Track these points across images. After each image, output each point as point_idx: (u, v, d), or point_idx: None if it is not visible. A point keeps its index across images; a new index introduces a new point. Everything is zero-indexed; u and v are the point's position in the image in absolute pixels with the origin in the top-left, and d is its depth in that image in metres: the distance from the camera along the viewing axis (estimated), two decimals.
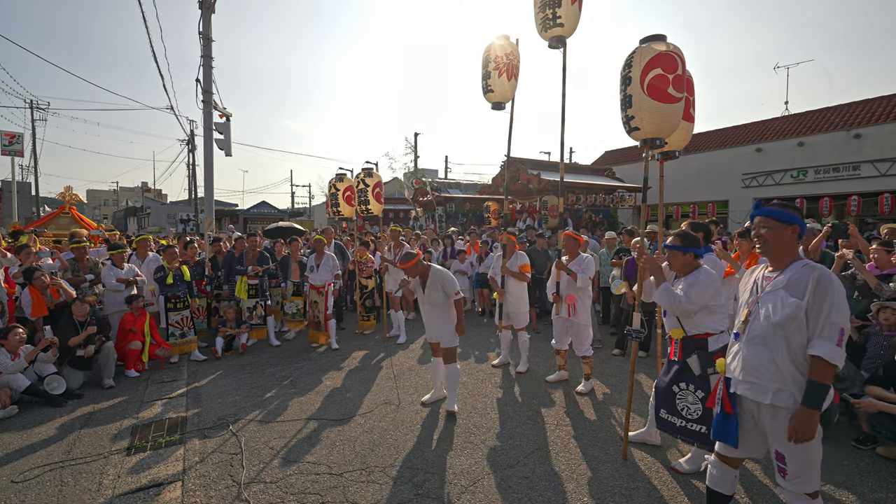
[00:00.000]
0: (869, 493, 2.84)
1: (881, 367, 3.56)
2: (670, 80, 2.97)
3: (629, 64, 3.09)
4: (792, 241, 2.05)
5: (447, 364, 4.14)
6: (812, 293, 1.90)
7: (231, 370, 5.42)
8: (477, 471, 3.15)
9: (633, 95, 3.06)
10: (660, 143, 3.18)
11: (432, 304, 4.10)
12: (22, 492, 2.99)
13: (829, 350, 1.83)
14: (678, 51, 3.04)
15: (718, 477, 2.28)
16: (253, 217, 35.89)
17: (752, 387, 2.06)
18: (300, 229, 11.65)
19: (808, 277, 1.94)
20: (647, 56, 3.00)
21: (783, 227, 2.05)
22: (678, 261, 2.95)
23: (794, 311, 1.92)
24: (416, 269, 4.08)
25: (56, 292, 5.23)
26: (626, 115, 3.14)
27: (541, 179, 14.74)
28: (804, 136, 16.11)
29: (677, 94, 3.02)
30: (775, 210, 2.09)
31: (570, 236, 4.66)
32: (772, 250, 2.09)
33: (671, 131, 3.16)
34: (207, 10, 8.35)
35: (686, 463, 3.08)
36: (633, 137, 3.21)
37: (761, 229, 2.10)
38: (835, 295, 1.86)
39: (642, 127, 3.09)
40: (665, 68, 2.97)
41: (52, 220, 10.99)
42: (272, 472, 3.17)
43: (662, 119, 3.04)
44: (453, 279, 4.10)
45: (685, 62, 3.07)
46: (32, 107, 22.59)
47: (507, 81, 5.00)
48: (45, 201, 26.41)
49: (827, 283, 1.89)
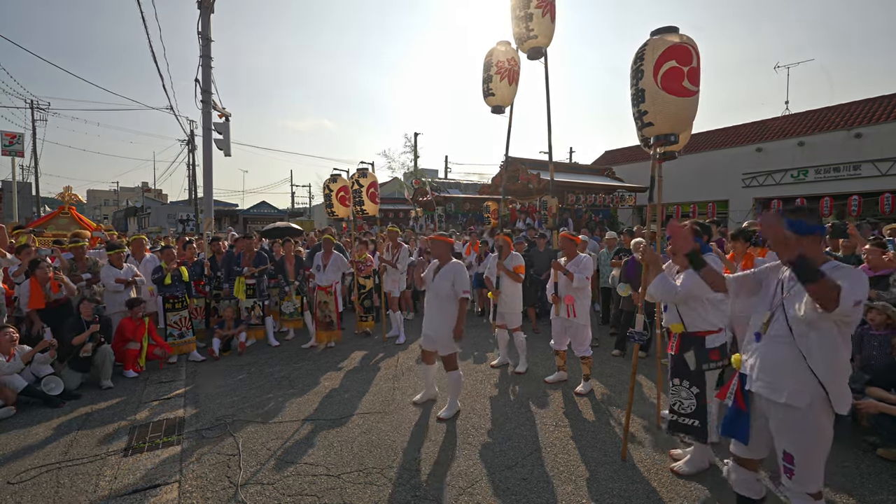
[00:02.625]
0: (870, 496, 2.82)
1: (877, 367, 3.56)
2: (685, 73, 2.84)
3: (641, 57, 2.94)
4: (813, 246, 2.00)
5: (448, 371, 4.02)
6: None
7: (230, 370, 5.40)
8: (475, 472, 3.14)
9: (645, 89, 2.92)
10: (674, 140, 3.04)
11: (436, 294, 3.97)
12: (18, 493, 2.97)
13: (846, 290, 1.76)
14: (692, 42, 2.90)
15: (739, 480, 2.29)
16: (253, 217, 35.92)
17: (768, 385, 2.05)
18: (297, 229, 11.64)
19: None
20: (661, 48, 2.86)
21: (800, 238, 1.96)
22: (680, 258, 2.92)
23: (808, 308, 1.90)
24: (442, 250, 4.01)
25: (57, 286, 5.22)
26: (639, 109, 2.99)
27: (540, 179, 14.73)
28: (805, 136, 16.09)
29: (693, 88, 2.88)
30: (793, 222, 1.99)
31: (567, 237, 4.65)
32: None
33: (686, 126, 3.05)
34: (206, 11, 8.35)
35: (685, 465, 3.06)
36: (645, 133, 3.07)
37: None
38: (851, 276, 1.87)
39: (656, 122, 2.95)
40: (679, 60, 2.83)
41: (52, 221, 10.98)
42: (269, 474, 3.15)
43: (678, 114, 2.91)
44: (468, 278, 4.00)
45: (700, 54, 2.93)
46: (33, 107, 22.62)
47: (508, 86, 5.04)
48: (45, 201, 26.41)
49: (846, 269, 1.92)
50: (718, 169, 18.08)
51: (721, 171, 17.97)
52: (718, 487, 2.88)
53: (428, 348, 4.15)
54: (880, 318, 3.69)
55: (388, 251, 7.06)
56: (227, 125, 8.93)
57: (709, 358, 2.87)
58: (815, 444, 1.98)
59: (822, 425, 1.97)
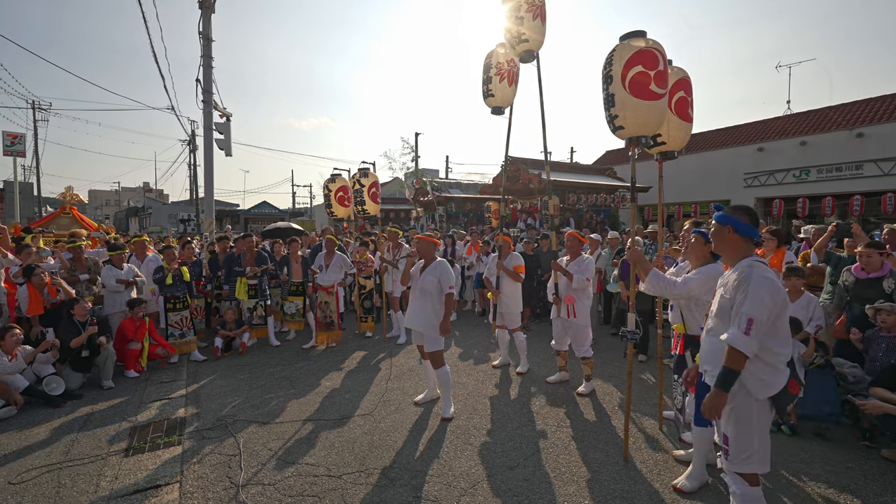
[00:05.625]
0: (873, 497, 2.80)
1: (882, 368, 3.53)
2: (652, 77, 2.95)
3: (610, 62, 3.07)
4: (730, 241, 2.22)
5: (436, 369, 4.06)
6: (733, 287, 2.09)
7: (231, 370, 5.40)
8: (476, 473, 3.13)
9: (615, 94, 3.05)
10: (645, 142, 3.16)
11: (423, 290, 4.06)
12: (19, 493, 2.97)
13: (734, 336, 1.98)
14: (658, 46, 3.01)
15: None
16: (254, 217, 35.95)
17: (710, 375, 2.24)
18: (298, 229, 11.64)
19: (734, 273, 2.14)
20: (627, 53, 2.98)
21: (720, 227, 2.25)
22: (700, 249, 2.94)
23: (723, 304, 2.15)
24: (427, 248, 4.13)
25: (55, 291, 5.23)
26: (610, 114, 3.13)
27: (541, 179, 14.70)
28: (806, 136, 16.05)
29: (660, 91, 2.99)
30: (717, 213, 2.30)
31: (574, 236, 4.62)
32: (717, 250, 2.34)
33: (656, 129, 3.14)
34: (207, 11, 8.35)
35: (687, 480, 2.91)
36: (618, 136, 3.19)
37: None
38: (750, 287, 2.00)
39: (626, 126, 3.08)
40: (646, 65, 2.95)
41: (53, 221, 11.01)
42: (270, 474, 3.14)
43: (646, 116, 3.01)
44: (453, 275, 4.12)
45: (666, 57, 3.05)
46: (34, 107, 22.64)
47: (508, 87, 5.05)
48: (47, 201, 26.46)
49: (746, 277, 2.05)
50: (720, 169, 18.04)
51: (722, 170, 17.94)
52: (720, 488, 2.86)
53: (418, 342, 4.21)
54: (891, 319, 3.65)
55: (389, 251, 7.05)
56: (228, 125, 8.93)
57: None
58: (742, 425, 2.10)
59: (746, 408, 2.09)
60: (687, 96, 3.58)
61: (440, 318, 3.99)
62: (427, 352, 4.08)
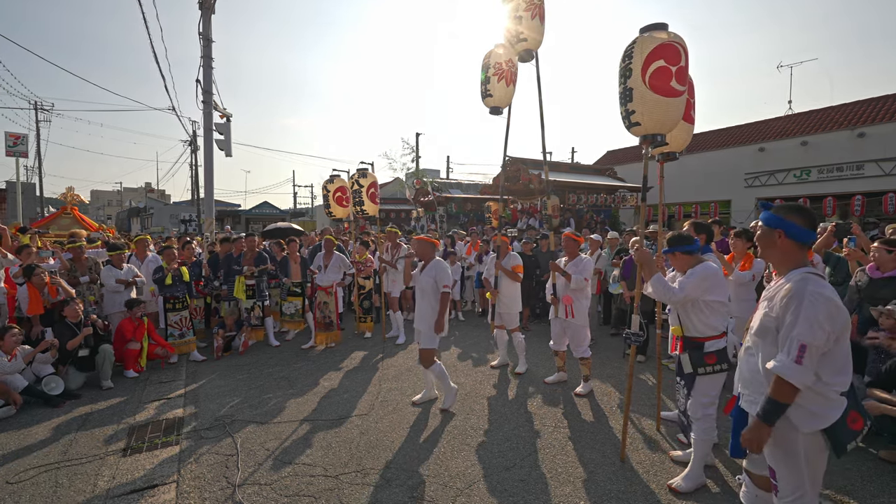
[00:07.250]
0: (871, 498, 2.80)
1: (882, 369, 3.51)
2: (673, 73, 2.81)
3: (629, 55, 2.91)
4: (781, 247, 1.88)
5: (426, 368, 4.13)
6: (781, 305, 1.77)
7: (229, 371, 5.41)
8: (473, 473, 3.13)
9: (633, 89, 2.90)
10: (661, 140, 3.02)
11: (422, 290, 4.17)
12: (17, 493, 2.98)
13: (784, 364, 1.69)
14: (681, 40, 2.87)
15: (746, 493, 2.17)
16: (255, 217, 35.98)
17: (747, 399, 1.95)
18: (298, 229, 11.65)
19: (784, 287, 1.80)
20: (649, 46, 2.83)
21: (769, 231, 1.90)
22: (677, 262, 3.03)
23: (766, 322, 1.83)
24: (425, 249, 4.21)
25: (55, 291, 5.24)
26: (626, 109, 2.97)
27: (541, 179, 14.70)
28: (808, 136, 16.00)
29: (680, 88, 2.86)
30: (765, 214, 1.94)
31: (570, 237, 4.63)
32: (764, 256, 1.99)
33: (673, 127, 3.03)
34: (207, 11, 8.36)
35: (683, 481, 2.91)
36: (633, 133, 3.06)
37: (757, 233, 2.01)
38: (803, 307, 1.70)
39: (643, 122, 2.93)
40: (668, 60, 2.80)
41: (54, 221, 11.02)
42: (267, 474, 3.15)
43: (665, 114, 2.89)
44: (449, 274, 4.19)
45: (688, 52, 2.90)
46: (36, 108, 22.73)
47: (506, 87, 5.05)
48: (49, 202, 26.51)
49: (798, 294, 1.73)
50: (721, 169, 17.99)
51: (723, 171, 17.89)
52: (719, 489, 2.86)
53: (419, 341, 4.25)
54: (889, 322, 3.62)
55: (388, 251, 7.05)
56: (228, 126, 8.95)
57: (704, 362, 2.86)
58: (791, 458, 1.81)
59: (790, 442, 1.80)
60: (689, 98, 3.56)
61: (436, 317, 4.06)
62: (420, 348, 4.15)
